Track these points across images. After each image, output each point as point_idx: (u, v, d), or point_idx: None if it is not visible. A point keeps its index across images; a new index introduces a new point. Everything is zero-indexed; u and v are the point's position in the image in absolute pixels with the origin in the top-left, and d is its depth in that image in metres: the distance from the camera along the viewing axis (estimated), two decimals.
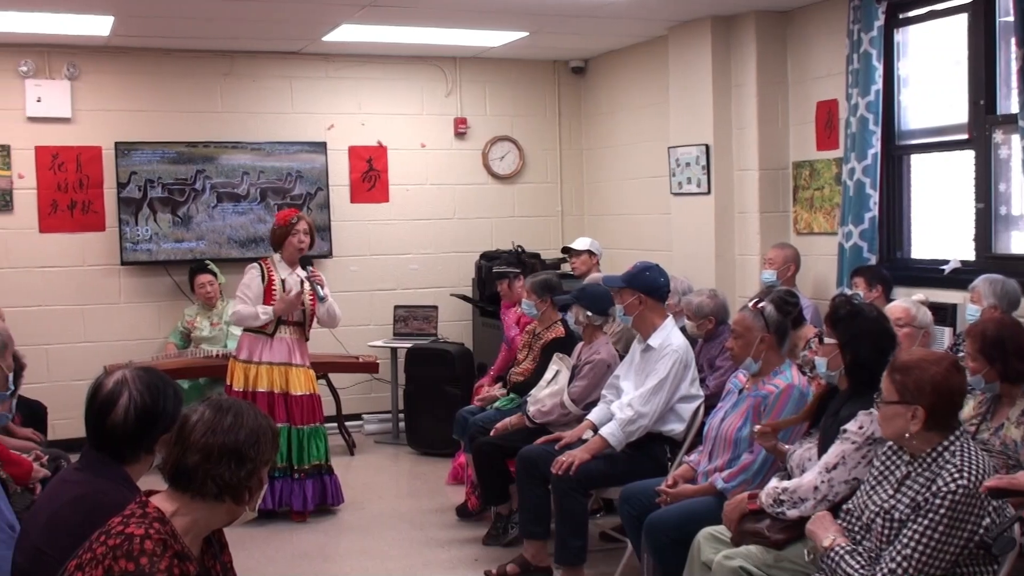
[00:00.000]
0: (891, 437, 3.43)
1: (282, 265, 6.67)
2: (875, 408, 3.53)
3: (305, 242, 6.65)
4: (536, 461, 5.47)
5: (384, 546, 6.23)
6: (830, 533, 3.45)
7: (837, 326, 4.02)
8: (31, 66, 8.19)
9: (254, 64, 8.86)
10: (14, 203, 8.23)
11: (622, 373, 5.56)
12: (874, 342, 3.92)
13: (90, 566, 2.44)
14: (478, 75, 9.54)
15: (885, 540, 3.29)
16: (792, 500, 3.81)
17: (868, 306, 4.20)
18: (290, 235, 6.61)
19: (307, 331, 6.78)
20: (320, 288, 6.57)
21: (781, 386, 4.48)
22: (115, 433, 2.92)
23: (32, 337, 7.80)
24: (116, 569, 2.39)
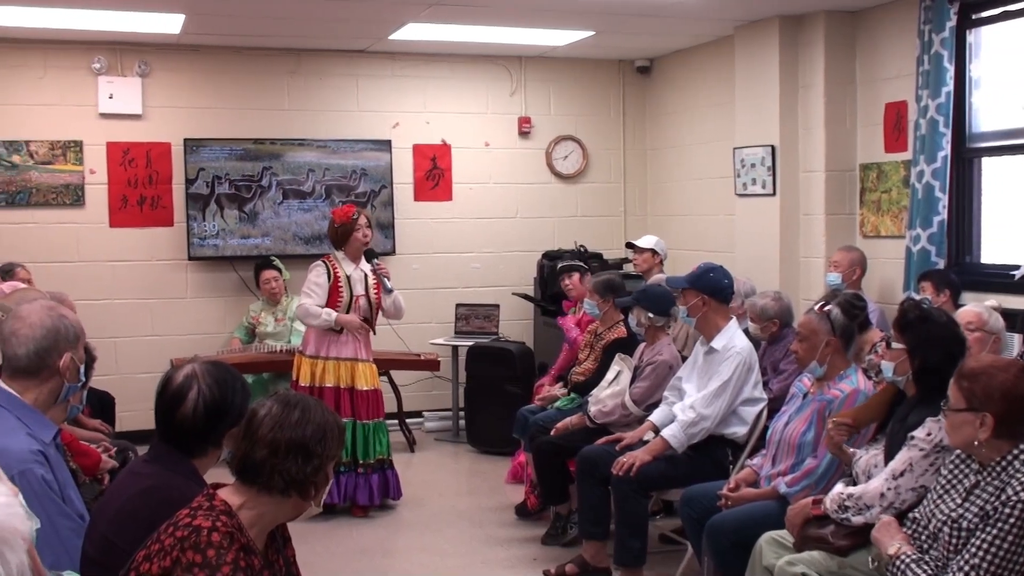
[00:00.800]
0: (959, 446, 3.37)
1: (346, 261, 6.74)
2: (943, 416, 3.47)
3: (368, 235, 6.73)
4: (596, 461, 5.46)
5: (443, 543, 6.25)
6: (896, 541, 3.40)
7: (906, 330, 3.96)
8: (104, 63, 8.33)
9: (321, 62, 8.93)
10: (85, 198, 8.38)
11: (684, 375, 5.53)
12: (944, 347, 3.85)
13: (158, 557, 2.47)
14: (543, 74, 9.53)
15: (952, 549, 3.24)
16: (857, 506, 3.77)
17: (938, 311, 4.13)
18: (353, 231, 6.68)
19: (373, 325, 6.84)
20: (387, 280, 6.69)
21: (847, 390, 4.42)
22: (184, 426, 2.96)
23: (101, 330, 7.93)
24: (183, 560, 2.42)
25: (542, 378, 7.68)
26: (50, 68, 8.27)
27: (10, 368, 3.06)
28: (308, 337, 6.77)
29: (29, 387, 3.06)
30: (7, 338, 3.06)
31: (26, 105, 8.22)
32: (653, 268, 7.66)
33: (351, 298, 6.69)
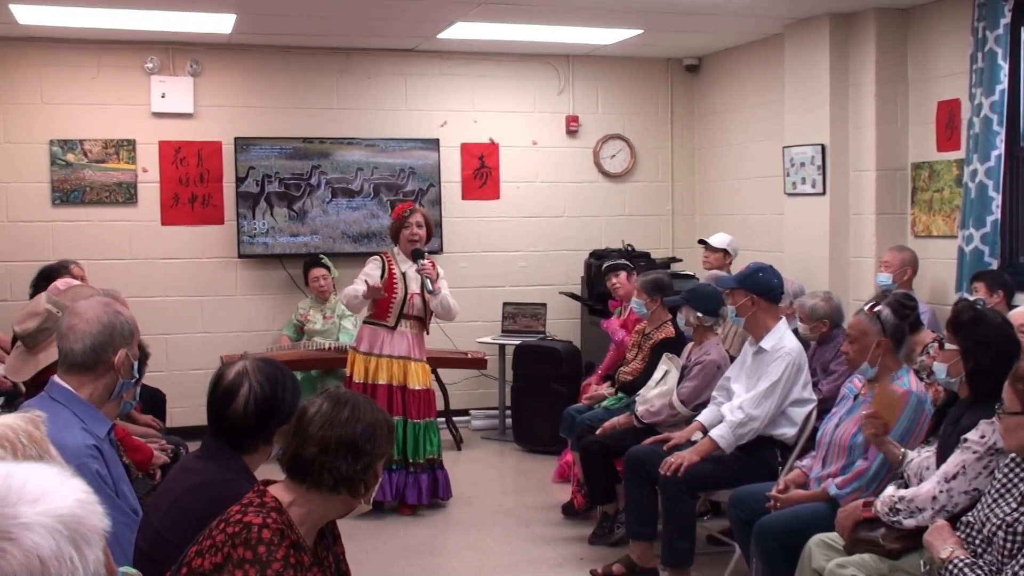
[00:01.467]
0: (1014, 449, 3.33)
1: (401, 258, 6.77)
2: (997, 419, 3.43)
3: (418, 235, 6.71)
4: (644, 461, 5.45)
5: (490, 542, 6.26)
6: (948, 545, 3.36)
7: (959, 331, 3.91)
8: (156, 63, 8.43)
9: (369, 61, 8.98)
10: (138, 196, 8.49)
11: (733, 375, 5.50)
12: (998, 349, 3.80)
13: (209, 552, 2.50)
14: (590, 73, 9.52)
15: (1007, 554, 3.19)
16: (909, 509, 3.73)
17: (992, 312, 4.09)
18: (403, 228, 6.72)
19: (427, 325, 6.86)
20: (429, 282, 6.60)
21: (898, 392, 4.37)
22: (235, 423, 2.99)
23: (152, 327, 8.01)
24: (234, 556, 2.45)
25: (589, 377, 7.67)
26: (104, 68, 8.38)
27: (66, 363, 3.10)
28: (362, 334, 6.79)
29: (85, 382, 3.09)
30: (64, 334, 3.10)
31: (81, 105, 8.33)
32: (723, 268, 7.58)
33: (405, 295, 6.71)
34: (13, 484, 1.21)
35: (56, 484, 1.26)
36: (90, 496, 1.28)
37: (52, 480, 1.26)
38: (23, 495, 1.20)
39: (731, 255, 7.76)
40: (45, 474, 1.27)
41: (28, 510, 1.19)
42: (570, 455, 6.88)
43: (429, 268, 6.64)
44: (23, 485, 1.22)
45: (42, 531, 1.17)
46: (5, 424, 1.99)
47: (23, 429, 1.97)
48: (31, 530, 1.17)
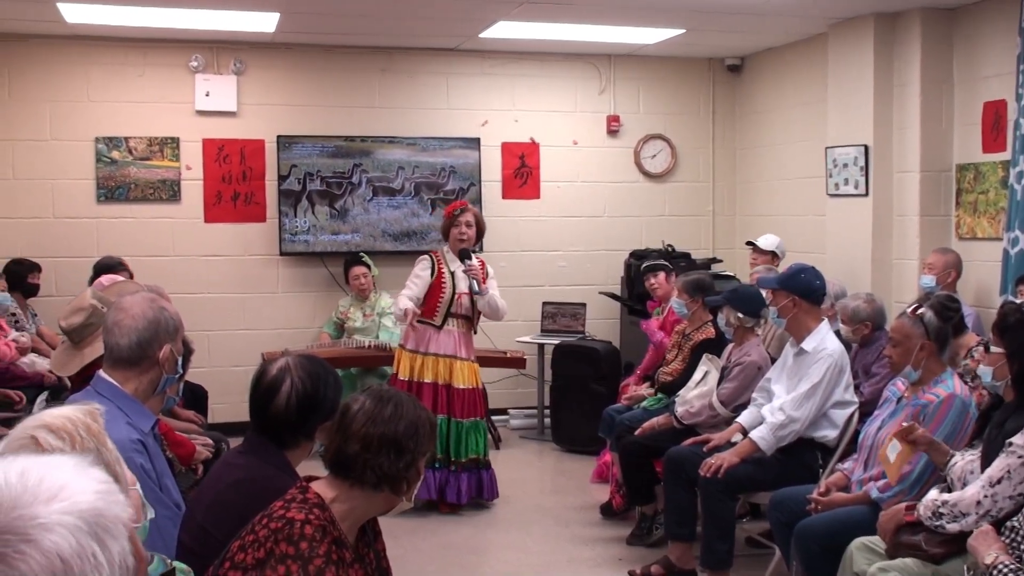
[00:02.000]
0: None
1: (451, 256, 6.76)
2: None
3: (467, 234, 6.70)
4: (683, 462, 5.43)
5: (529, 541, 6.26)
6: (993, 550, 3.32)
7: (1005, 334, 3.87)
8: (200, 61, 8.50)
9: (411, 60, 9.00)
10: (181, 193, 8.56)
11: (774, 376, 5.46)
12: None
13: (252, 547, 2.51)
14: (632, 73, 9.50)
15: None
16: (952, 514, 3.69)
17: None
18: (452, 227, 6.72)
19: (475, 324, 6.86)
20: (476, 283, 6.60)
21: (942, 395, 4.33)
22: (277, 419, 3.01)
23: (195, 323, 8.06)
24: (277, 552, 2.46)
25: (628, 377, 7.65)
26: (149, 66, 8.46)
27: (112, 358, 3.12)
28: (409, 332, 6.77)
29: (130, 377, 3.11)
30: (110, 329, 3.12)
31: (126, 102, 8.42)
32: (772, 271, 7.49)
33: (453, 294, 6.71)
34: (29, 482, 1.19)
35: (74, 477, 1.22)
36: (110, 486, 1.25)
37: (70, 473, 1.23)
38: (40, 493, 1.17)
39: (779, 257, 7.71)
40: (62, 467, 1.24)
41: (45, 509, 1.16)
42: (609, 455, 6.87)
43: (476, 269, 6.64)
44: (39, 482, 1.19)
45: (62, 530, 1.14)
46: (64, 416, 2.01)
47: (82, 422, 1.99)
48: (50, 530, 1.14)
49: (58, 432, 1.96)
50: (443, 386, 6.68)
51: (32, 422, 2.00)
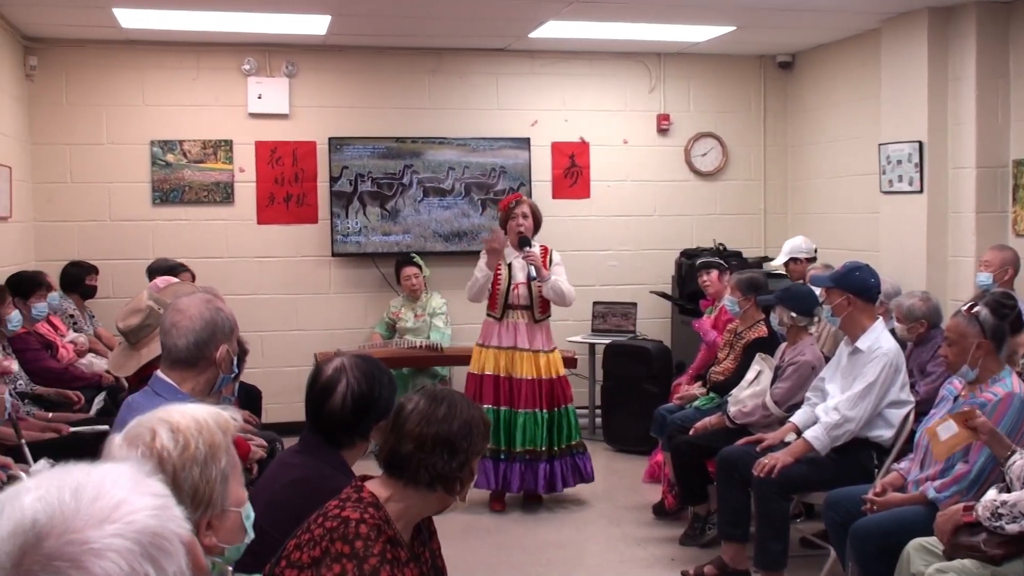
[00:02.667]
0: None
1: (509, 250, 6.80)
2: None
3: (524, 224, 6.72)
4: (736, 462, 5.40)
5: (581, 540, 6.26)
6: None
7: None
8: (253, 64, 8.59)
9: (461, 61, 9.03)
10: (235, 195, 8.65)
11: (828, 375, 5.42)
12: None
13: (308, 546, 2.54)
14: (682, 71, 9.46)
15: None
16: (1012, 514, 3.64)
17: None
18: (509, 219, 6.77)
19: (535, 314, 6.81)
20: (534, 269, 6.61)
21: (1000, 394, 4.27)
22: (332, 418, 3.03)
23: (248, 324, 8.09)
24: (332, 551, 2.49)
25: (680, 377, 7.63)
26: (203, 70, 8.56)
27: (169, 358, 3.17)
28: (482, 327, 6.91)
29: (187, 377, 3.15)
30: (167, 330, 3.16)
31: (180, 106, 8.53)
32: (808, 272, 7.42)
33: (509, 284, 6.76)
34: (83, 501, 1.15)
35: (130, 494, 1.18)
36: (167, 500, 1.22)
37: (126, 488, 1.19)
38: (93, 514, 1.14)
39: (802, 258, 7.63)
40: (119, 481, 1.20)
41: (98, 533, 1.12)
42: (661, 455, 6.85)
43: (535, 255, 6.65)
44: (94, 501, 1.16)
45: (114, 555, 1.11)
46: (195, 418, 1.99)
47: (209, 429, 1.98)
48: (101, 556, 1.11)
49: (176, 432, 1.96)
50: (504, 377, 6.72)
51: (163, 412, 2.00)
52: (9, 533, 1.12)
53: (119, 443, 1.97)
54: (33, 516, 1.13)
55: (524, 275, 6.70)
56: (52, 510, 1.14)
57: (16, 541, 1.11)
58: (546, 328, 6.88)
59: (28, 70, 8.16)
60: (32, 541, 1.11)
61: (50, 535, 1.12)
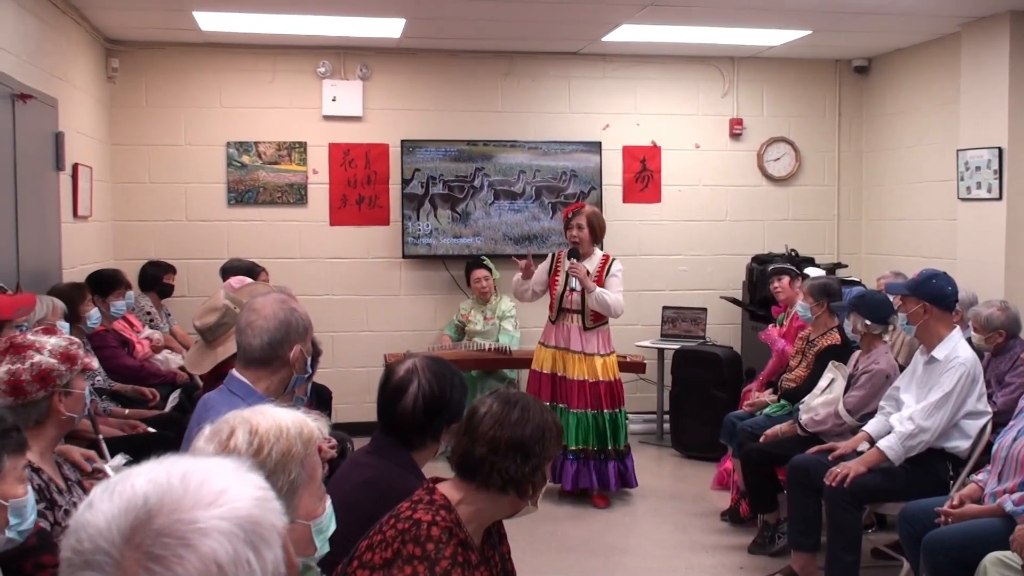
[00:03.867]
0: None
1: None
2: None
3: (578, 236, 6.91)
4: (808, 471, 5.34)
5: (647, 546, 6.23)
6: None
7: None
8: (328, 67, 8.67)
9: (533, 64, 9.04)
10: (308, 197, 8.74)
11: (902, 385, 5.34)
12: None
13: (380, 547, 2.55)
14: (756, 75, 9.38)
15: None
16: None
17: None
18: (566, 229, 7.00)
19: (586, 321, 6.94)
20: (575, 280, 6.83)
21: None
22: (404, 420, 3.05)
23: (319, 324, 8.11)
24: (404, 552, 2.50)
25: (750, 383, 7.56)
26: (279, 72, 8.66)
27: (244, 358, 3.20)
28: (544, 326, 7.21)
29: (261, 377, 3.19)
30: (243, 329, 3.20)
31: (256, 108, 8.64)
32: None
33: (564, 290, 6.96)
34: (190, 485, 1.20)
35: (234, 483, 1.23)
36: (267, 493, 1.26)
37: (230, 478, 1.24)
38: (200, 497, 1.18)
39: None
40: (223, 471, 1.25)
41: (205, 514, 1.17)
42: (730, 462, 6.80)
43: (578, 268, 6.85)
44: (200, 486, 1.20)
45: (219, 536, 1.16)
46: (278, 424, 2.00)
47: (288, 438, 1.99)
48: (208, 536, 1.15)
49: (253, 435, 1.98)
50: (559, 377, 6.96)
51: (250, 412, 2.02)
52: (121, 510, 1.17)
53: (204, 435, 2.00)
54: (144, 495, 1.18)
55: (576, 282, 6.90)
56: (162, 491, 1.19)
57: (128, 517, 1.16)
58: (600, 333, 7.04)
59: (110, 72, 8.33)
60: (143, 518, 1.16)
61: (160, 513, 1.16)
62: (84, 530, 1.18)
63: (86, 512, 1.20)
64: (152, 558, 1.14)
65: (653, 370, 8.82)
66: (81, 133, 7.36)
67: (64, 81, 6.92)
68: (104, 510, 1.18)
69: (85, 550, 1.16)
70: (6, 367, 3.29)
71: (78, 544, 1.17)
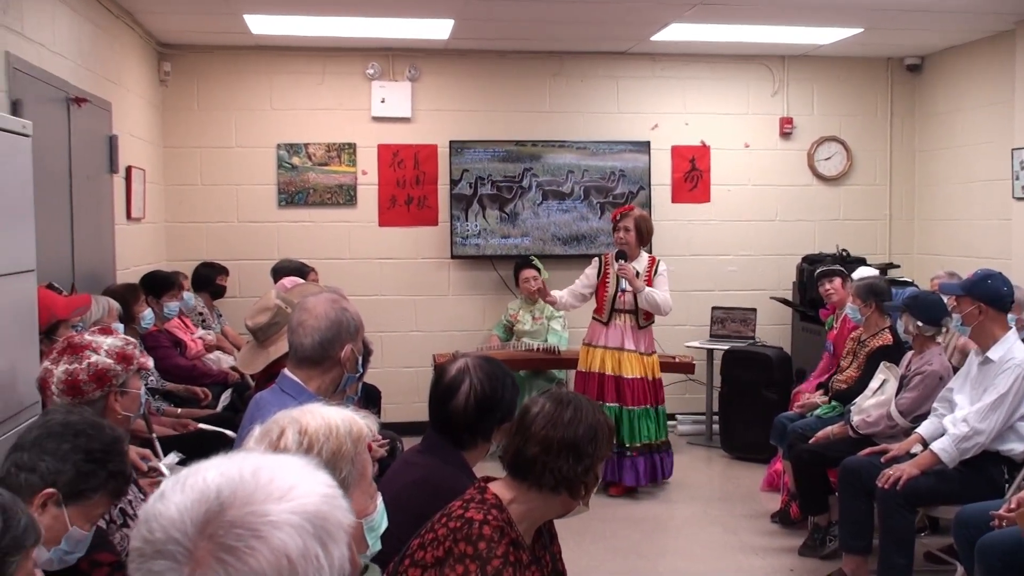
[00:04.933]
0: None
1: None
2: None
3: (624, 239, 7.11)
4: (860, 473, 5.29)
5: (696, 548, 6.20)
6: None
7: None
8: (377, 69, 8.72)
9: (582, 64, 9.03)
10: (357, 198, 8.79)
11: (956, 386, 5.27)
12: None
13: (431, 546, 2.56)
14: (806, 74, 9.31)
15: None
16: None
17: None
18: (614, 231, 7.17)
19: (640, 320, 7.17)
20: (625, 282, 7.03)
21: None
22: (455, 419, 3.06)
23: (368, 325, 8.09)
24: (456, 551, 2.50)
25: (800, 384, 7.50)
26: (328, 74, 8.72)
27: (296, 357, 3.23)
28: (589, 328, 7.39)
29: (313, 376, 3.21)
30: (294, 329, 3.23)
31: (306, 110, 8.70)
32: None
33: (616, 293, 7.13)
34: (261, 480, 1.21)
35: (304, 479, 1.24)
36: (335, 491, 1.26)
37: (299, 475, 1.25)
38: (271, 491, 1.19)
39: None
40: (292, 468, 1.26)
41: (276, 507, 1.18)
42: (780, 463, 6.75)
43: (627, 270, 7.04)
44: (271, 481, 1.21)
45: (290, 529, 1.16)
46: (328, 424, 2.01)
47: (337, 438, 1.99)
48: (279, 528, 1.16)
49: (303, 434, 1.98)
50: (612, 376, 7.11)
51: (299, 412, 2.03)
52: (194, 501, 1.19)
53: (255, 435, 2.02)
54: (217, 487, 1.20)
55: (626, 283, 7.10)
56: (234, 484, 1.20)
57: (201, 508, 1.18)
58: (649, 333, 7.29)
59: (162, 76, 8.43)
60: (216, 509, 1.18)
61: (232, 505, 1.18)
62: (156, 520, 1.19)
63: (157, 503, 1.21)
64: (225, 548, 1.15)
65: (702, 371, 8.78)
66: (134, 136, 7.45)
67: (118, 85, 7.02)
68: (176, 501, 1.20)
69: (157, 540, 1.18)
70: (64, 367, 3.34)
71: (149, 534, 1.19)
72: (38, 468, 2.62)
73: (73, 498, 2.64)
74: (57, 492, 2.60)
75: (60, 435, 2.68)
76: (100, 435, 2.77)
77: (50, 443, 2.66)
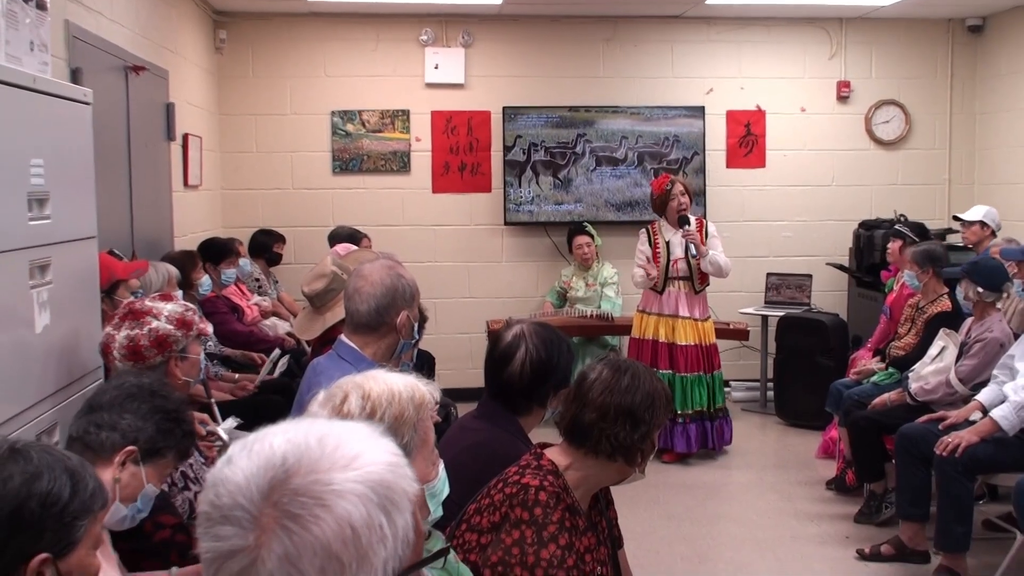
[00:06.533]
0: None
1: (666, 228, 7.17)
2: None
3: (684, 203, 7.08)
4: (918, 440, 5.24)
5: (751, 514, 6.19)
6: None
7: None
8: (431, 35, 8.71)
9: (636, 29, 8.95)
10: (411, 164, 8.81)
11: (1018, 353, 5.19)
12: None
13: (488, 511, 2.58)
14: (864, 36, 9.16)
15: None
16: None
17: None
18: (669, 200, 7.06)
19: (695, 285, 7.14)
20: (694, 247, 6.97)
21: None
22: (511, 385, 3.07)
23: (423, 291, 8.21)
24: (512, 516, 2.52)
25: (857, 351, 7.43)
26: (382, 41, 8.72)
27: (352, 323, 3.24)
28: (643, 295, 7.34)
29: (369, 342, 3.22)
30: (351, 295, 3.24)
31: (360, 77, 8.72)
32: (983, 241, 7.20)
33: (668, 261, 7.09)
34: (327, 447, 1.22)
35: (369, 447, 1.25)
36: (400, 459, 1.27)
37: (365, 442, 1.25)
38: (336, 460, 1.20)
39: (990, 226, 7.27)
40: (358, 435, 1.27)
41: (340, 476, 1.19)
42: (835, 430, 6.71)
43: (694, 234, 7.01)
44: (336, 448, 1.22)
45: (354, 498, 1.17)
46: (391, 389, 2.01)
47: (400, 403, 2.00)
48: (344, 497, 1.17)
49: (366, 400, 1.99)
50: (666, 343, 7.12)
51: (362, 377, 2.04)
52: (260, 467, 1.20)
53: (319, 400, 2.03)
54: (283, 455, 1.21)
55: (682, 250, 7.06)
56: (300, 451, 1.21)
57: (267, 475, 1.19)
58: (703, 298, 7.25)
59: (218, 44, 8.48)
60: (281, 477, 1.19)
61: (298, 473, 1.19)
62: (223, 485, 1.21)
63: (225, 468, 1.23)
64: (289, 516, 1.16)
65: (757, 337, 8.73)
66: (191, 104, 7.51)
67: (174, 53, 7.07)
68: (243, 467, 1.21)
69: (224, 505, 1.19)
70: (125, 332, 3.39)
71: (216, 499, 1.21)
72: (119, 426, 2.67)
73: (149, 456, 2.70)
74: (137, 450, 2.66)
75: (137, 396, 2.75)
76: (172, 397, 2.84)
77: (130, 403, 2.72)
